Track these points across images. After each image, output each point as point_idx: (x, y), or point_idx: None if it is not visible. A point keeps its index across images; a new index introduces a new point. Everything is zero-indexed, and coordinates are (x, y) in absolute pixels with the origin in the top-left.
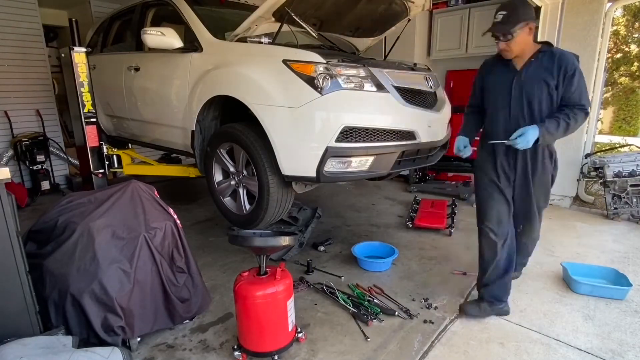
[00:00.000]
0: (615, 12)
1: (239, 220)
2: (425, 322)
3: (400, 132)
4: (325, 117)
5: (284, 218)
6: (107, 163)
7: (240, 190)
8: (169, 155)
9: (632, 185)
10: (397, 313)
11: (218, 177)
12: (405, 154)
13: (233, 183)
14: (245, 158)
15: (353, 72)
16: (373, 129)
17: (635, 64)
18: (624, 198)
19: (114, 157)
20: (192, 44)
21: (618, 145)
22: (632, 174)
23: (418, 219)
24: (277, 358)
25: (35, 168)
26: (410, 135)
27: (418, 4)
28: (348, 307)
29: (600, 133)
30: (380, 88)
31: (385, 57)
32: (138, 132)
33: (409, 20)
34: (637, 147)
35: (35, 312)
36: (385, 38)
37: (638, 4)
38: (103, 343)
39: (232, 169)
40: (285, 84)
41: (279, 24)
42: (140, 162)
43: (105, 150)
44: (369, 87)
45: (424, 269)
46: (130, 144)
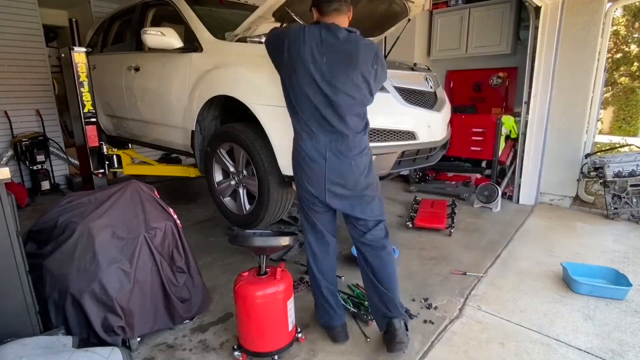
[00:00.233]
0: (615, 12)
1: (239, 220)
2: (425, 322)
3: (401, 132)
4: None
5: (284, 218)
6: (107, 163)
7: (240, 190)
8: (169, 155)
9: (632, 185)
10: None
11: (218, 177)
12: (405, 154)
13: (233, 183)
14: (245, 158)
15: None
16: (373, 129)
17: (635, 64)
18: (624, 198)
19: (114, 157)
20: (192, 44)
21: (618, 145)
22: (632, 174)
23: (418, 219)
24: (277, 358)
25: (35, 168)
26: (411, 135)
27: (418, 4)
28: (348, 307)
29: (600, 133)
30: (380, 88)
31: (385, 57)
32: (138, 132)
33: (409, 20)
34: (637, 147)
35: (35, 312)
36: (385, 38)
37: (638, 4)
38: (103, 343)
39: (232, 169)
40: None
41: (279, 24)
42: (140, 162)
43: (105, 150)
44: None
45: (424, 269)
46: (130, 144)
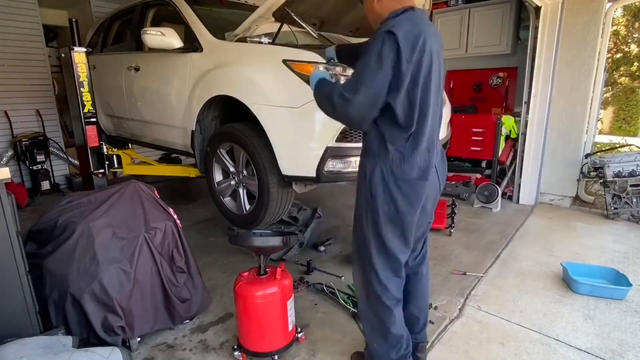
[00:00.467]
0: (615, 12)
1: (239, 220)
2: None
3: None
4: (325, 117)
5: (284, 218)
6: (107, 163)
7: (240, 190)
8: (169, 155)
9: (632, 185)
10: None
11: (218, 177)
12: None
13: (233, 183)
14: (245, 158)
15: (353, 71)
16: None
17: (635, 64)
18: (624, 198)
19: (114, 157)
20: (192, 44)
21: (618, 145)
22: (632, 174)
23: None
24: (277, 358)
25: (35, 168)
26: None
27: (418, 4)
28: (348, 307)
29: (600, 133)
30: None
31: None
32: (138, 132)
33: None
34: (637, 147)
35: (35, 312)
36: None
37: (638, 4)
38: (103, 343)
39: (232, 169)
40: (285, 84)
41: (279, 24)
42: (140, 162)
43: (105, 150)
44: None
45: None
46: (130, 144)
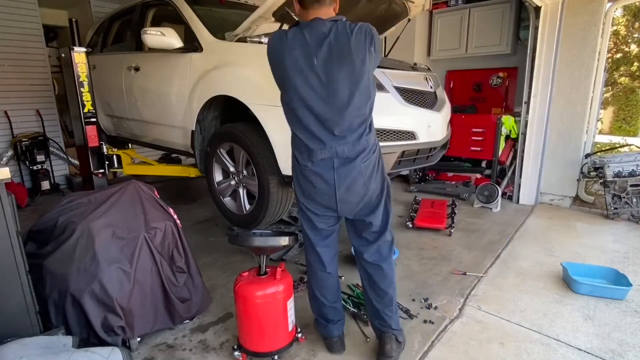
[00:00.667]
0: (615, 12)
1: (239, 220)
2: (425, 322)
3: (400, 132)
4: None
5: (284, 218)
6: (107, 163)
7: (240, 190)
8: (169, 155)
9: (632, 185)
10: None
11: (218, 177)
12: (405, 154)
13: (233, 183)
14: (245, 158)
15: None
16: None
17: (635, 64)
18: (624, 198)
19: (114, 157)
20: (192, 44)
21: (618, 145)
22: (632, 174)
23: (418, 219)
24: (277, 358)
25: (35, 168)
26: (410, 135)
27: (418, 4)
28: (348, 307)
29: (600, 133)
30: (380, 88)
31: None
32: (138, 132)
33: (409, 20)
34: (637, 147)
35: (35, 312)
36: (385, 38)
37: (638, 4)
38: (103, 343)
39: (232, 169)
40: None
41: (279, 24)
42: (140, 162)
43: (105, 150)
44: None
45: (424, 269)
46: (130, 144)
